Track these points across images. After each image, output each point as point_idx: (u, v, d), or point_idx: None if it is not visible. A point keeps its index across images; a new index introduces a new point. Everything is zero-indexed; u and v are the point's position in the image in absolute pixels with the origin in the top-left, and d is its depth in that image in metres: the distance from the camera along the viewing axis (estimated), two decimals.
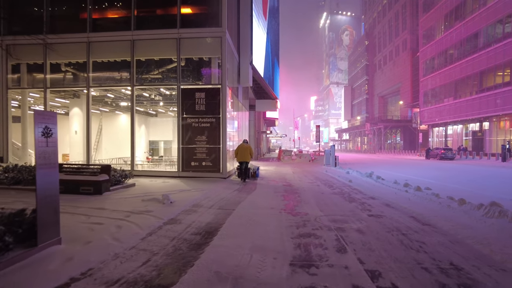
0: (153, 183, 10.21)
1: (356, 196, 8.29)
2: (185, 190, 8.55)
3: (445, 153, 31.07)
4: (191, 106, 11.43)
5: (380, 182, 11.12)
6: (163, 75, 12.29)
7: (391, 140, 62.65)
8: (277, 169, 17.51)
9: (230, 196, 7.86)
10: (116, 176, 8.69)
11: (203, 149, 11.35)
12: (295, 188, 9.73)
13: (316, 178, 13.03)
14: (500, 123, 33.90)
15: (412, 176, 14.50)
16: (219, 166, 11.27)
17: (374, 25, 79.02)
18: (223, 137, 11.25)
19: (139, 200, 6.98)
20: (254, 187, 9.66)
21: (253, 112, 26.64)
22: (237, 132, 15.65)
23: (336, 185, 10.67)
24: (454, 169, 19.24)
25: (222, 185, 9.72)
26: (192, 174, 11.37)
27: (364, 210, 6.43)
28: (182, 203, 6.69)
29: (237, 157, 11.74)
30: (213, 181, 10.55)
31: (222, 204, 6.80)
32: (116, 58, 12.19)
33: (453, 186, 10.72)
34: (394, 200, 7.49)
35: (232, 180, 11.43)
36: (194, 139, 11.39)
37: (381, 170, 17.65)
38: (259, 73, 16.68)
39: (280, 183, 11.08)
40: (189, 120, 11.43)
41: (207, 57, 11.84)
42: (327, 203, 7.18)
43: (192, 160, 11.40)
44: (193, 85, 11.64)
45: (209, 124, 11.33)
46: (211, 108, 11.32)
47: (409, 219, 5.63)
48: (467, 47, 38.13)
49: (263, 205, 6.73)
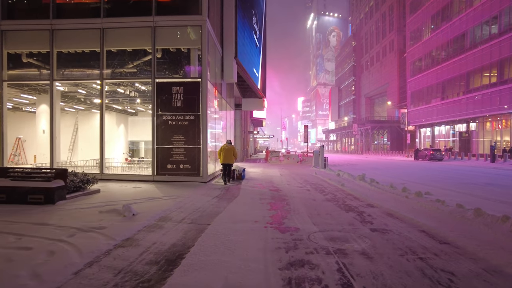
0: (122, 188, 8.98)
1: (352, 203, 7.31)
2: (156, 198, 7.37)
3: (434, 154, 30.77)
4: (167, 102, 10.24)
5: (375, 186, 10.21)
6: (138, 69, 11.05)
7: (378, 141, 62.66)
8: (264, 171, 16.47)
9: (207, 205, 6.74)
10: (75, 181, 7.44)
11: (181, 150, 10.18)
12: (283, 193, 8.68)
13: (305, 181, 12.04)
14: (486, 124, 33.91)
15: (405, 178, 13.72)
16: (198, 169, 10.12)
17: (361, 26, 79.18)
18: (203, 136, 10.11)
19: (96, 211, 5.78)
20: (237, 193, 8.56)
21: (239, 112, 25.54)
22: (221, 132, 14.53)
23: (328, 189, 9.69)
24: (446, 170, 18.65)
25: (200, 191, 8.57)
26: (168, 178, 10.18)
27: (365, 222, 5.43)
28: (147, 215, 5.52)
29: (220, 158, 10.91)
30: (191, 186, 9.39)
31: (195, 216, 5.67)
32: (84, 49, 10.88)
33: (453, 191, 9.90)
34: (395, 209, 6.54)
35: (213, 184, 10.29)
36: (171, 138, 10.21)
37: (371, 172, 16.85)
38: (244, 69, 15.61)
39: (266, 187, 10.01)
40: (165, 117, 10.24)
41: (186, 48, 10.68)
42: (321, 213, 6.15)
43: (168, 162, 10.21)
44: (170, 79, 10.46)
45: (187, 122, 10.17)
46: (189, 104, 10.17)
47: (421, 234, 4.66)
48: (454, 48, 38.14)
49: (246, 217, 5.63)
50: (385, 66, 64.55)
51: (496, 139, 31.81)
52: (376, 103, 72.91)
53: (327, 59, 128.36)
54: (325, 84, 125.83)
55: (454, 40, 38.16)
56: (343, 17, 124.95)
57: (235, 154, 11.24)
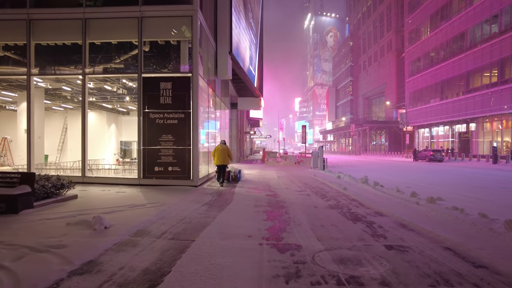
0: (104, 194, 8.12)
1: (358, 211, 6.52)
2: (138, 205, 6.53)
3: (434, 155, 30.14)
4: (155, 98, 9.40)
5: (380, 190, 9.44)
6: (124, 63, 10.21)
7: (375, 141, 62.11)
8: (261, 173, 15.66)
9: (195, 214, 5.90)
10: (47, 187, 6.58)
11: (170, 151, 9.34)
12: (281, 199, 7.88)
13: (304, 184, 11.25)
14: (486, 125, 33.36)
15: (409, 180, 12.97)
16: (189, 172, 9.28)
17: (358, 26, 78.71)
18: (194, 136, 9.28)
19: (63, 223, 4.94)
20: (230, 199, 7.74)
21: (235, 111, 24.73)
22: (215, 132, 13.71)
23: (330, 194, 8.90)
24: (449, 172, 17.95)
25: (189, 197, 7.74)
26: (156, 182, 9.33)
27: (377, 236, 4.64)
28: (122, 228, 4.69)
29: (214, 160, 10.48)
30: (180, 191, 8.55)
31: (179, 229, 4.84)
32: (65, 41, 10.00)
33: (466, 196, 9.15)
34: (408, 218, 5.75)
35: (205, 188, 9.45)
36: (159, 138, 9.37)
37: (372, 173, 16.10)
38: (240, 65, 14.80)
39: (263, 191, 9.20)
40: (153, 115, 9.40)
41: (175, 41, 9.84)
42: (325, 224, 5.35)
43: (156, 164, 9.36)
44: (158, 74, 9.62)
45: (177, 120, 9.33)
46: (179, 101, 9.33)
47: (447, 253, 3.88)
48: (454, 47, 37.59)
49: (238, 230, 4.82)
50: (383, 66, 64.05)
51: (496, 140, 31.26)
52: (374, 104, 72.41)
53: (324, 59, 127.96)
54: (322, 84, 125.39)
55: (454, 39, 37.62)
56: (340, 17, 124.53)
57: (230, 155, 10.68)
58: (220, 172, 10.49)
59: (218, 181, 10.44)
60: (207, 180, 11.42)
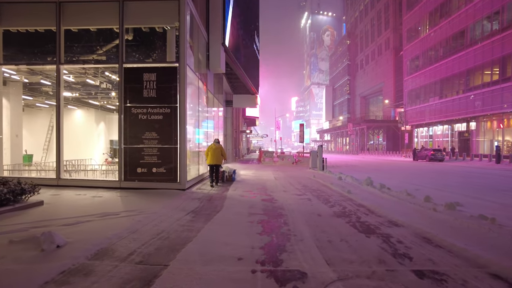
0: (77, 199, 7.11)
1: (368, 220, 5.58)
2: (111, 214, 5.53)
3: (435, 155, 29.38)
4: (137, 91, 8.39)
5: (388, 194, 8.52)
6: (104, 52, 9.17)
7: (373, 141, 61.44)
8: (257, 174, 14.70)
9: (176, 226, 4.91)
10: (1, 192, 5.55)
11: (154, 150, 8.34)
12: (279, 205, 6.91)
13: (304, 186, 10.31)
14: (487, 123, 32.68)
15: (415, 182, 12.08)
16: (175, 174, 8.28)
17: (356, 24, 78.00)
18: (182, 133, 8.28)
19: (5, 241, 3.93)
20: (221, 205, 6.75)
21: (230, 109, 23.74)
22: (207, 129, 12.71)
23: (333, 198, 7.96)
24: (454, 172, 17.11)
25: (174, 203, 6.74)
26: (139, 185, 8.32)
27: (400, 256, 3.69)
28: (80, 247, 3.70)
29: (207, 159, 10.00)
30: (165, 196, 7.55)
31: (152, 248, 3.86)
32: (37, 27, 8.94)
33: (485, 200, 8.25)
34: (429, 230, 4.83)
35: (193, 192, 8.44)
36: (142, 136, 8.36)
37: (374, 174, 15.21)
38: (234, 58, 13.80)
39: (258, 195, 8.23)
40: (135, 110, 8.38)
41: (161, 28, 8.83)
42: (332, 238, 4.40)
43: (139, 165, 8.35)
44: (141, 64, 8.59)
45: (161, 116, 8.32)
46: (164, 94, 8.33)
47: (501, 285, 2.95)
48: (453, 45, 36.90)
49: (225, 249, 3.84)
50: (380, 65, 63.38)
51: (497, 139, 30.60)
52: (371, 103, 71.78)
53: (321, 58, 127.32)
54: (319, 83, 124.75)
55: (453, 37, 36.93)
56: (337, 16, 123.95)
57: (224, 154, 10.18)
58: (213, 172, 10.00)
59: (211, 182, 9.94)
60: (199, 182, 10.44)
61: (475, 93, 32.76)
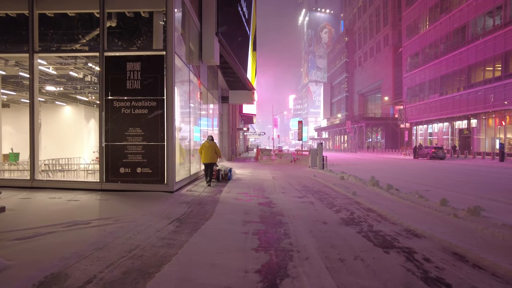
0: (50, 203, 6.26)
1: (383, 229, 4.78)
2: (81, 223, 4.68)
3: (436, 153, 28.67)
4: (120, 83, 7.52)
5: (398, 196, 7.74)
6: (83, 39, 8.28)
7: (371, 138, 60.81)
8: (254, 173, 13.88)
9: (154, 239, 4.07)
10: None
11: (138, 148, 7.49)
12: (278, 209, 6.10)
13: (304, 187, 9.50)
14: (489, 121, 32.05)
15: (423, 182, 11.30)
16: (162, 174, 7.44)
17: (354, 21, 77.20)
18: (169, 129, 7.43)
19: None
20: (212, 211, 5.92)
21: (226, 105, 22.89)
22: (200, 126, 11.87)
23: (338, 201, 7.16)
24: (460, 171, 16.38)
25: (158, 208, 5.90)
26: (122, 186, 7.47)
27: (434, 283, 2.89)
28: (21, 273, 2.86)
29: (201, 158, 9.68)
30: (149, 199, 6.71)
31: (118, 272, 3.02)
32: (8, 11, 8.04)
33: (508, 203, 7.48)
34: (458, 242, 4.03)
35: (182, 194, 7.60)
36: (125, 132, 7.50)
37: (377, 173, 14.45)
38: (229, 50, 12.94)
39: (254, 198, 7.41)
40: (117, 104, 7.52)
41: (146, 13, 7.95)
42: (345, 256, 3.58)
43: (122, 165, 7.50)
44: (124, 52, 7.71)
45: (147, 110, 7.47)
46: (150, 85, 7.47)
47: None
48: (454, 40, 36.19)
49: (211, 274, 3.00)
50: (379, 62, 62.67)
51: (499, 137, 29.98)
52: (370, 100, 71.14)
53: (318, 56, 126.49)
54: (317, 81, 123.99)
55: (454, 32, 36.20)
56: (335, 13, 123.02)
57: (218, 152, 9.83)
58: (207, 171, 9.63)
59: (206, 181, 9.58)
60: (190, 183, 9.60)
61: (477, 89, 32.11)
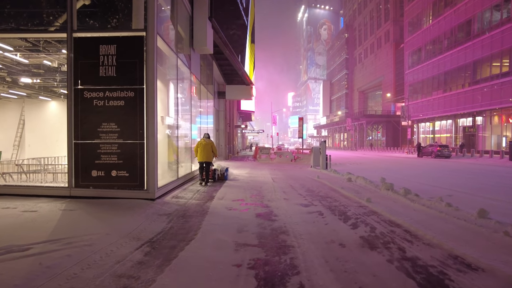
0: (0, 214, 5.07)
1: (421, 256, 3.60)
2: (17, 249, 3.47)
3: (441, 151, 27.55)
4: (92, 69, 6.30)
5: (419, 203, 6.57)
6: (48, 18, 7.02)
7: (372, 136, 59.72)
8: (252, 174, 12.70)
9: (107, 279, 2.85)
10: None
11: (113, 147, 6.27)
12: (280, 224, 4.92)
13: (309, 191, 8.33)
14: (495, 118, 30.95)
15: (438, 183, 10.14)
16: (141, 179, 6.23)
17: (354, 17, 75.87)
18: (150, 125, 6.22)
19: None
20: (196, 228, 4.70)
21: (223, 101, 21.64)
22: (192, 122, 10.65)
23: (351, 210, 5.99)
24: (472, 171, 15.24)
25: (129, 224, 4.68)
26: (93, 193, 6.26)
27: None
28: None
29: (197, 156, 9.23)
30: (124, 210, 5.51)
31: None
32: None
33: None
34: None
35: (165, 203, 6.37)
36: (98, 129, 6.28)
37: (386, 174, 13.29)
38: (225, 38, 11.71)
39: (252, 207, 6.23)
40: (89, 94, 6.30)
41: None
42: None
43: (94, 167, 6.29)
44: (97, 33, 6.47)
45: (123, 101, 6.25)
46: (128, 73, 6.25)
47: None
48: (459, 35, 35.00)
49: None
50: (379, 58, 61.46)
51: (505, 134, 28.91)
52: (370, 97, 69.98)
53: (318, 52, 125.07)
54: (316, 78, 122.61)
55: (459, 27, 35.00)
56: (335, 10, 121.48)
57: (215, 151, 9.39)
58: (202, 170, 9.19)
59: (201, 181, 9.19)
60: (177, 187, 8.39)
61: (482, 86, 30.98)
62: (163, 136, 7.97)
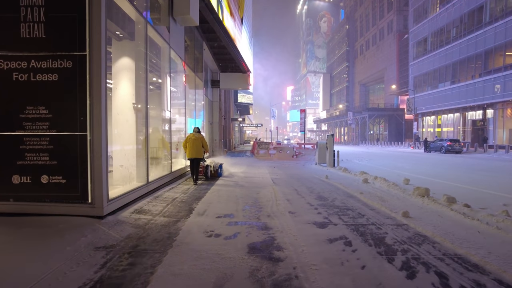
0: None
1: None
2: None
3: (452, 146, 25.71)
4: (8, 28, 4.32)
5: (478, 219, 4.68)
6: None
7: (374, 130, 57.91)
8: (248, 173, 10.80)
9: None
10: None
11: (43, 142, 4.32)
12: (288, 271, 3.01)
13: (320, 198, 6.42)
14: (507, 111, 29.12)
15: (472, 185, 8.24)
16: (84, 187, 4.28)
17: (355, 8, 73.56)
18: (97, 109, 4.26)
19: None
20: (142, 283, 2.82)
21: (217, 91, 19.63)
22: (172, 112, 8.68)
23: (390, 234, 4.08)
24: (503, 169, 13.37)
25: (40, 267, 2.77)
26: (15, 208, 4.33)
27: None
28: None
29: (186, 152, 8.48)
30: (51, 235, 3.58)
31: None
32: None
33: None
34: None
35: (118, 222, 4.40)
36: (20, 115, 4.32)
37: (403, 173, 11.43)
38: (216, 14, 9.69)
39: (243, 231, 4.28)
40: (5, 64, 4.33)
41: None
42: None
43: (16, 170, 4.33)
44: None
45: (56, 75, 4.28)
46: (62, 33, 4.29)
47: None
48: (469, 23, 32.94)
49: None
50: (382, 49, 59.41)
51: None
52: (371, 91, 68.10)
53: (317, 45, 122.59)
54: (316, 72, 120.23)
55: (469, 14, 32.96)
56: (335, 1, 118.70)
57: (206, 146, 8.58)
58: (193, 167, 8.33)
59: (192, 179, 8.33)
60: (147, 195, 6.44)
61: (495, 76, 29.08)
62: (130, 125, 6.02)
